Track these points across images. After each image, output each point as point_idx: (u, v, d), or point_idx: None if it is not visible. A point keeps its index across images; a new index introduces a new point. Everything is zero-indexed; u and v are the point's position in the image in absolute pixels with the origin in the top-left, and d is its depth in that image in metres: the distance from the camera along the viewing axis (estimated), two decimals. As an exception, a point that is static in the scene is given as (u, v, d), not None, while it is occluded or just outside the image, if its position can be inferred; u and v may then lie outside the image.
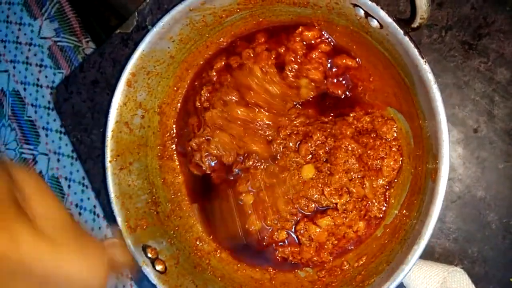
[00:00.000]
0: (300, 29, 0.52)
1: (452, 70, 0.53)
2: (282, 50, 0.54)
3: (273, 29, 0.55)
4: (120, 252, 0.35)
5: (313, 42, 0.52)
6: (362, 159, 0.50)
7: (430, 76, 0.38)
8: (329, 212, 0.51)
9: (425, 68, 0.38)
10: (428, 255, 0.52)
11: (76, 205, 0.72)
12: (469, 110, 0.53)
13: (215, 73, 0.57)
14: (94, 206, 0.71)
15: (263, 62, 0.53)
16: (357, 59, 0.51)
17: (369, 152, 0.50)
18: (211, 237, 0.57)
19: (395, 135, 0.50)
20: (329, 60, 0.52)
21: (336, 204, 0.50)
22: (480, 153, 0.52)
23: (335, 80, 0.53)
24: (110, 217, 0.70)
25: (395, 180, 0.50)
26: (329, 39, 0.52)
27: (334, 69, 0.52)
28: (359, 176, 0.50)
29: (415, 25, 0.38)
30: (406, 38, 0.39)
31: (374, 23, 0.42)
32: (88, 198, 0.72)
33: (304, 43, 0.53)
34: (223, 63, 0.57)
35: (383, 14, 0.40)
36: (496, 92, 0.52)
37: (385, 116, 0.50)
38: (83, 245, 0.27)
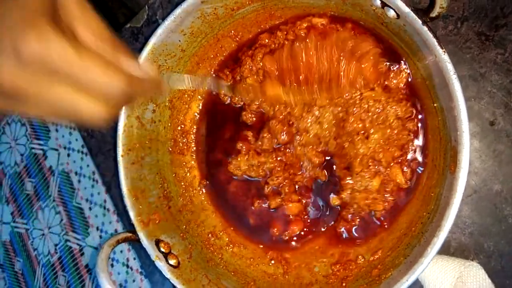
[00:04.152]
0: (310, 17, 0.51)
1: (468, 62, 0.52)
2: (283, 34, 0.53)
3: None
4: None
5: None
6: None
7: (449, 66, 0.37)
8: None
9: (444, 58, 0.38)
10: (444, 249, 0.51)
11: (87, 200, 0.72)
12: (486, 103, 0.52)
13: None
14: (105, 201, 0.71)
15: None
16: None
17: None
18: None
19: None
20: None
21: None
22: (496, 146, 0.51)
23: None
24: (120, 212, 0.70)
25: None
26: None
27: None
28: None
29: (433, 14, 0.37)
30: (425, 28, 0.38)
31: (391, 13, 0.41)
32: (98, 193, 0.72)
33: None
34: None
35: (400, 3, 0.39)
36: (513, 84, 0.51)
37: None
38: (116, 58, 0.28)
